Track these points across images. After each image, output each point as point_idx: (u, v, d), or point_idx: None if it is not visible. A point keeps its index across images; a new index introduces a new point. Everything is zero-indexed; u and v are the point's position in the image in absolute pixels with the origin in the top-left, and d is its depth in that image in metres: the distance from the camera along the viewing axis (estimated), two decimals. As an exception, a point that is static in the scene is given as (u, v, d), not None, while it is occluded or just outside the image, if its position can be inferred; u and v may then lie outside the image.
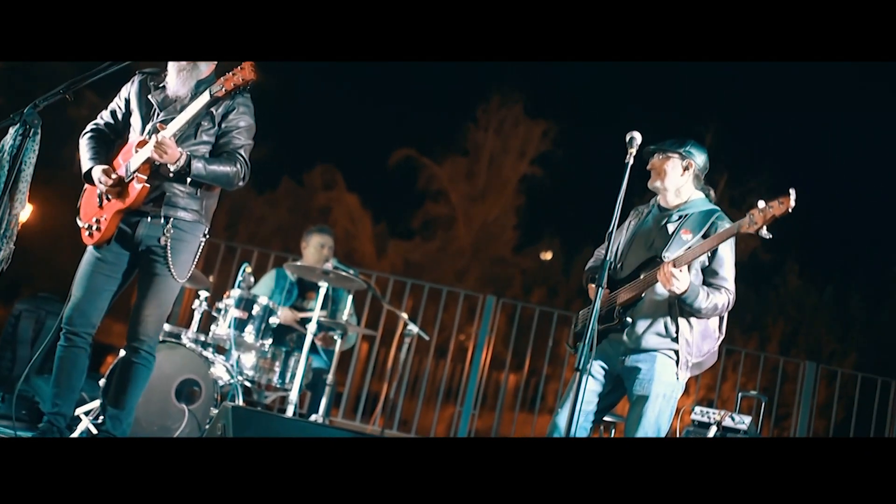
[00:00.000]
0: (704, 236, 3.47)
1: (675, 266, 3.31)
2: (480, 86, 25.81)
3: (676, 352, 3.47)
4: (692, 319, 3.48)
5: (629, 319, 3.49)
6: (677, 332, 3.47)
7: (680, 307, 3.46)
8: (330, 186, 25.99)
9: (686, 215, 3.56)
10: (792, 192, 3.19)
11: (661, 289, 3.45)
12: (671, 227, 3.53)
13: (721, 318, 3.55)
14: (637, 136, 3.30)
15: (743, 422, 4.31)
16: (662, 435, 3.49)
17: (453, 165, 26.36)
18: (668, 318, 3.49)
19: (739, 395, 4.88)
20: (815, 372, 6.54)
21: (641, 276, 3.47)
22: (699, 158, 3.58)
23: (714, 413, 4.41)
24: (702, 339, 3.51)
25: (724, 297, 3.44)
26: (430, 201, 26.25)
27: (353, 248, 24.76)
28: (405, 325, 5.51)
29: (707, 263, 3.49)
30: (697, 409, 4.50)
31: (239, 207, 23.55)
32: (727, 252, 3.51)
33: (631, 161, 3.31)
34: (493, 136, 26.28)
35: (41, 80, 18.99)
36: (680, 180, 3.61)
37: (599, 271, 3.12)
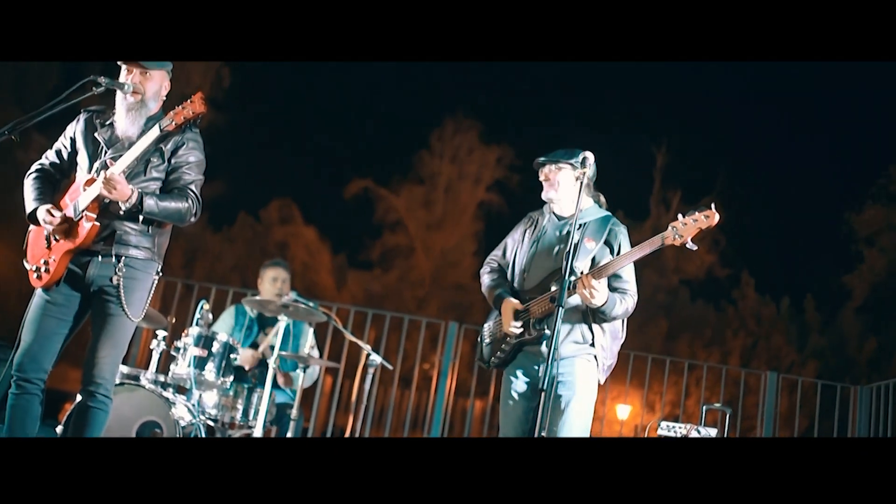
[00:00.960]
0: (606, 243, 3.61)
1: (594, 279, 3.39)
2: (435, 111, 26.01)
3: (595, 356, 3.60)
4: (604, 325, 3.61)
5: (547, 331, 3.54)
6: (593, 338, 3.59)
7: (594, 315, 3.56)
8: (287, 220, 25.89)
9: (584, 223, 3.64)
10: (713, 206, 3.31)
11: (574, 299, 3.50)
12: (576, 237, 3.57)
13: (623, 322, 3.69)
14: (590, 156, 3.44)
15: (709, 434, 4.33)
16: (587, 434, 3.59)
17: (410, 194, 26.47)
18: (584, 326, 3.60)
19: (704, 408, 4.91)
20: (777, 381, 6.62)
21: (553, 289, 3.51)
22: (590, 168, 3.64)
23: (680, 427, 4.43)
24: (612, 342, 3.66)
25: (630, 300, 3.59)
26: (388, 231, 26.30)
27: (312, 281, 24.65)
28: (367, 355, 5.46)
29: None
30: (664, 424, 4.52)
31: (195, 245, 23.30)
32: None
33: (585, 180, 3.42)
34: (449, 163, 26.45)
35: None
36: (573, 190, 3.69)
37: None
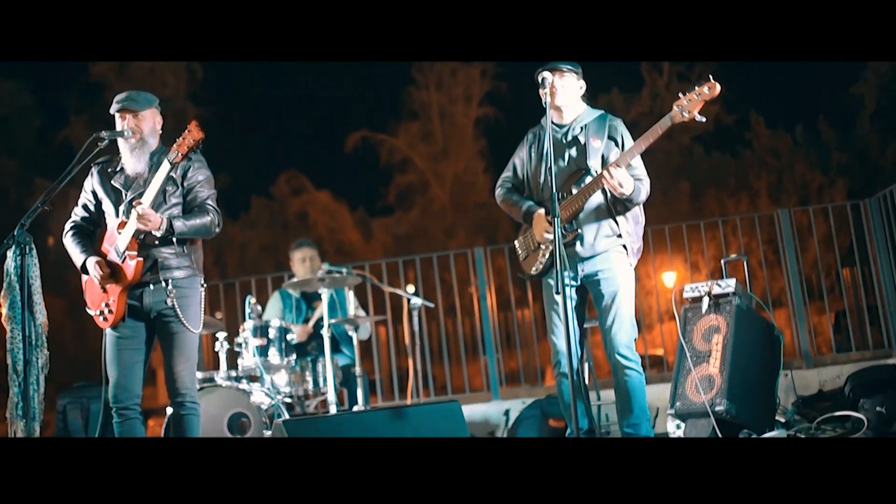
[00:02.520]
0: (610, 138, 3.93)
1: (617, 168, 3.72)
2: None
3: (624, 245, 3.96)
4: (627, 215, 3.95)
5: (580, 231, 3.89)
6: (619, 228, 3.94)
7: (617, 206, 3.90)
8: (299, 191, 26.18)
9: (585, 125, 3.95)
10: (711, 77, 3.60)
11: (596, 198, 3.85)
12: (582, 139, 3.92)
13: (640, 207, 4.03)
14: (547, 75, 3.74)
15: (729, 285, 4.66)
16: (633, 325, 3.97)
17: (407, 131, 26.53)
18: (609, 220, 3.95)
19: (723, 261, 5.25)
20: (790, 218, 6.91)
21: (575, 191, 3.85)
22: (581, 74, 3.97)
23: (702, 286, 4.77)
24: (636, 227, 4.02)
25: (646, 184, 3.92)
26: (397, 173, 26.48)
27: (340, 242, 25.04)
28: (408, 300, 5.87)
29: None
30: (688, 286, 4.85)
31: (220, 240, 23.79)
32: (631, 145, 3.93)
33: (548, 98, 3.74)
34: (436, 91, 26.40)
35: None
36: (574, 96, 4.00)
37: (543, 202, 3.47)
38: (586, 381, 4.43)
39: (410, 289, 8.17)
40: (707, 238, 7.36)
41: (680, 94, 3.73)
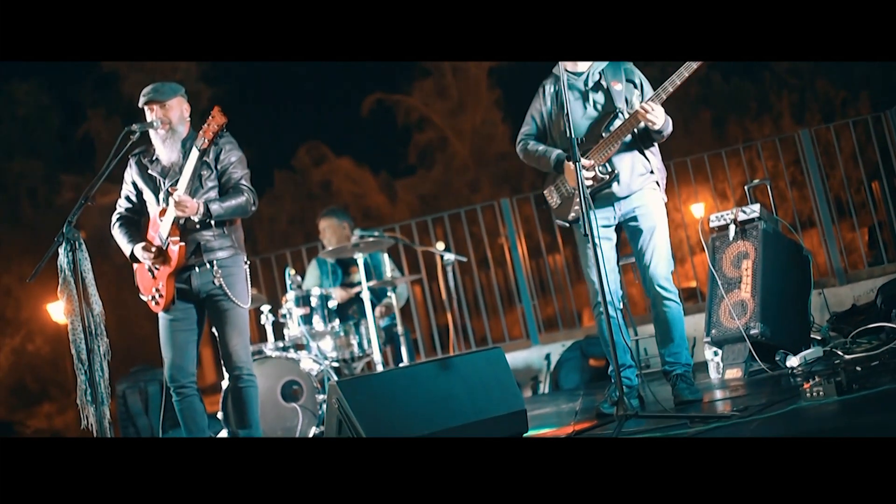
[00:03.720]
0: (628, 81, 4.05)
1: (653, 103, 3.83)
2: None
3: (657, 182, 4.09)
4: (653, 149, 4.08)
5: (617, 171, 3.99)
6: (651, 164, 4.07)
7: (645, 141, 4.03)
8: (320, 160, 26.32)
9: (602, 71, 4.06)
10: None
11: (627, 136, 3.96)
12: (604, 83, 4.01)
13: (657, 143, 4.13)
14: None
15: (754, 210, 4.74)
16: (670, 258, 4.10)
17: (421, 89, 26.46)
18: (639, 155, 4.07)
19: (746, 188, 5.31)
20: (811, 137, 6.91)
21: (605, 134, 3.95)
22: None
23: (727, 214, 4.85)
24: (659, 159, 4.14)
25: (668, 117, 3.99)
26: (416, 132, 26.48)
27: (366, 207, 25.21)
28: (441, 257, 6.01)
29: (641, 100, 3.99)
30: (712, 216, 4.93)
31: (249, 217, 24.03)
32: (649, 86, 4.08)
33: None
34: (446, 45, 26.23)
35: (20, 184, 19.58)
36: None
37: (570, 149, 3.56)
38: (625, 318, 4.56)
39: (441, 245, 8.30)
40: (731, 165, 7.38)
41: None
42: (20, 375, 19.38)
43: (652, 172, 4.08)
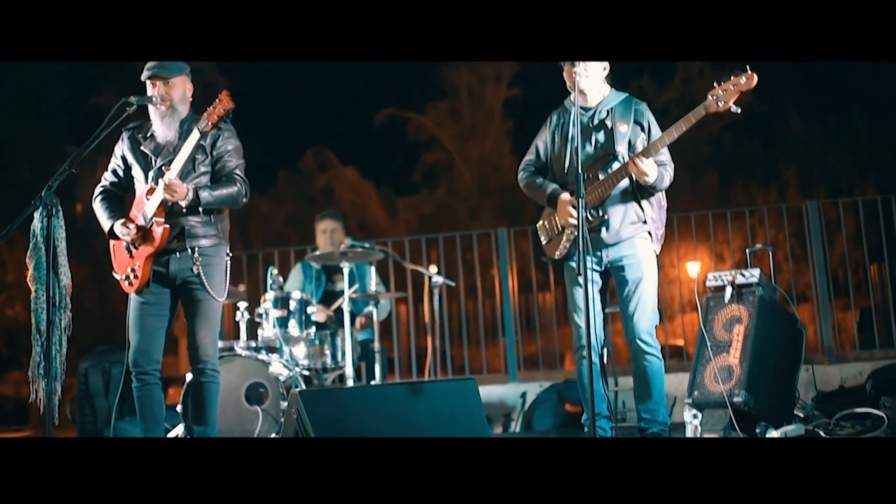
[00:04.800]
0: (636, 123, 3.89)
1: (645, 157, 3.69)
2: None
3: (649, 232, 3.94)
4: (651, 199, 3.94)
5: (606, 216, 3.86)
6: (645, 214, 3.92)
7: (642, 191, 3.89)
8: (325, 166, 26.24)
9: (611, 109, 3.90)
10: (748, 68, 3.54)
11: (622, 182, 3.83)
12: (608, 123, 3.88)
13: (663, 192, 4.01)
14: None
15: (753, 275, 4.61)
16: (654, 311, 3.96)
17: (436, 110, 26.45)
18: (635, 205, 3.93)
19: (748, 251, 5.20)
20: (818, 210, 6.82)
21: (602, 175, 3.82)
22: None
23: (726, 275, 4.72)
24: (659, 211, 4.00)
25: (670, 169, 3.90)
26: (424, 151, 26.45)
27: (364, 218, 25.10)
28: (430, 278, 5.88)
29: (645, 145, 3.84)
30: (710, 275, 4.81)
31: (247, 212, 23.91)
32: (658, 131, 3.91)
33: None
34: (466, 70, 26.27)
35: (21, 150, 19.45)
36: (599, 78, 3.95)
37: (575, 185, 3.44)
38: (605, 366, 4.42)
39: (433, 268, 8.18)
40: (733, 228, 7.29)
41: (714, 84, 3.67)
42: (-9, 339, 19.13)
43: (645, 222, 3.94)
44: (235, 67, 23.56)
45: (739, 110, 3.63)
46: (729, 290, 4.65)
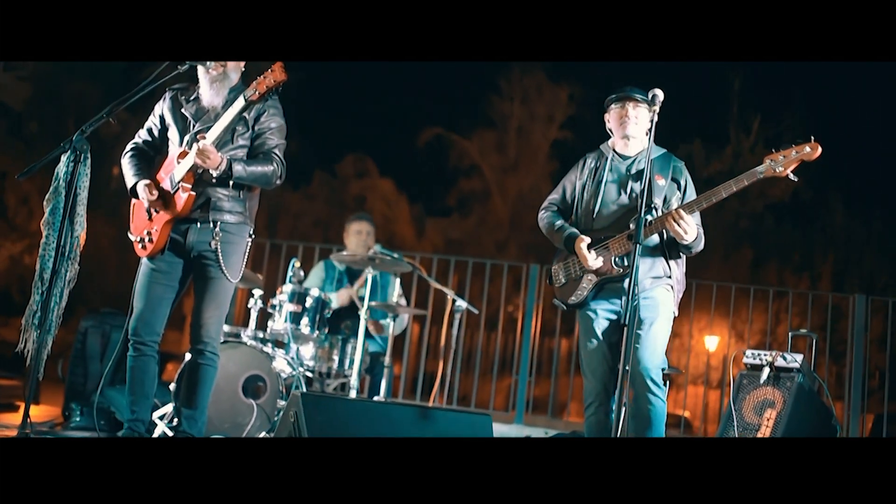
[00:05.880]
0: (673, 179, 3.70)
1: (688, 212, 3.46)
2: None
3: (671, 286, 3.71)
4: (678, 260, 3.73)
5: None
6: (670, 272, 3.70)
7: (671, 250, 3.68)
8: (363, 174, 26.20)
9: (651, 161, 3.66)
10: (813, 139, 3.32)
11: (653, 237, 3.60)
12: (647, 174, 3.61)
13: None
14: (659, 93, 3.46)
15: (795, 360, 4.35)
16: (663, 356, 3.69)
17: (482, 139, 26.38)
18: (662, 261, 3.71)
19: (790, 334, 4.93)
20: (866, 305, 6.51)
21: (632, 226, 3.57)
22: (658, 105, 3.63)
23: (766, 354, 4.46)
24: (682, 276, 3.77)
25: (702, 235, 3.67)
26: (463, 177, 26.34)
27: (392, 232, 24.97)
28: (453, 301, 5.63)
29: (680, 204, 3.65)
30: (749, 352, 4.55)
31: (277, 205, 23.85)
32: (693, 193, 3.72)
33: (655, 118, 3.46)
34: (519, 105, 26.21)
35: (72, 105, 19.50)
36: (644, 128, 3.72)
37: (636, 229, 3.20)
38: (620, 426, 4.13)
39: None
40: (758, 309, 6.96)
41: (773, 150, 3.45)
42: (7, 283, 19.10)
43: (669, 277, 3.71)
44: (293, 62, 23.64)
45: (797, 179, 3.40)
46: (766, 370, 4.40)
